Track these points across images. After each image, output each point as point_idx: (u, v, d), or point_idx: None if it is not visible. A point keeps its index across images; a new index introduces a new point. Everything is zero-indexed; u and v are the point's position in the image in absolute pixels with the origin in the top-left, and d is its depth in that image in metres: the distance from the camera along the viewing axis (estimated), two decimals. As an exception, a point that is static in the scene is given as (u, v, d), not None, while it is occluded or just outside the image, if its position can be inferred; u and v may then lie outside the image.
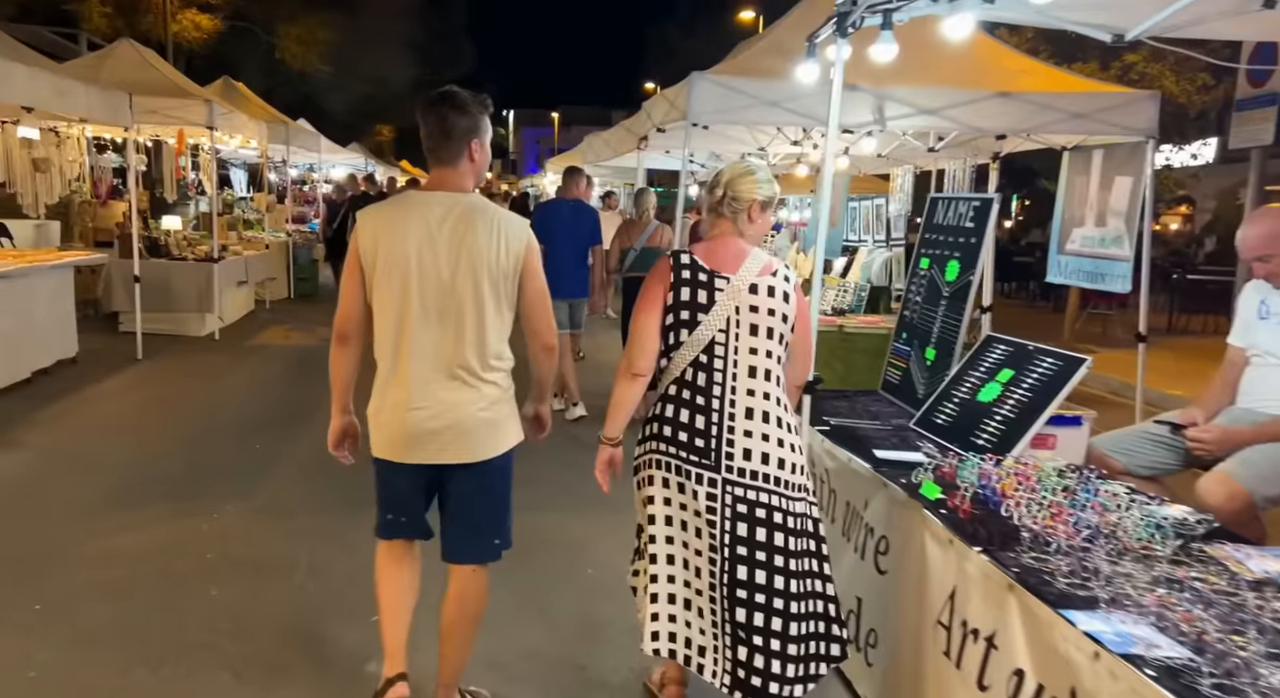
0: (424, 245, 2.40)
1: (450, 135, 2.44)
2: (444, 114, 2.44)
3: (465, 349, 2.44)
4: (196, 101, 9.17)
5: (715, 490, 2.38)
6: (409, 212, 2.45)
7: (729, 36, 35.81)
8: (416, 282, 2.41)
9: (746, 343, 2.43)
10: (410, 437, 2.47)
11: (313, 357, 8.83)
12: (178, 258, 9.75)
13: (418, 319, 2.42)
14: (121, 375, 7.54)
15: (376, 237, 2.44)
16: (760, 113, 5.48)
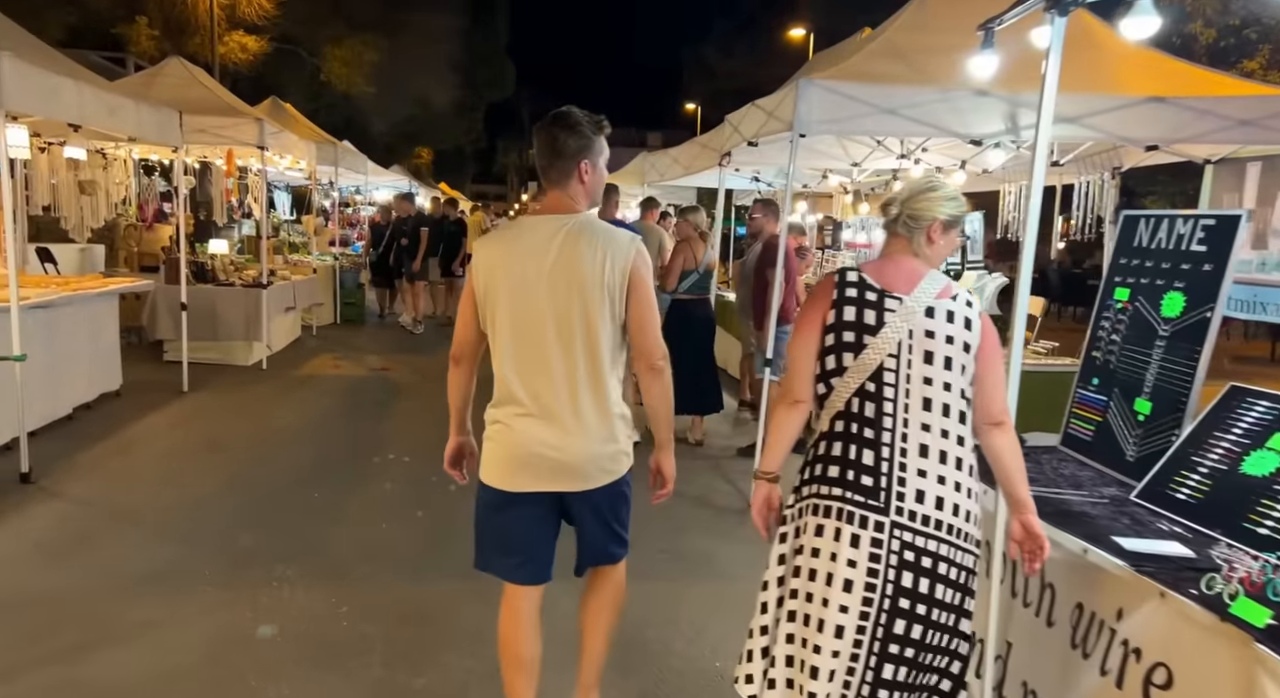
0: (531, 270, 2.37)
1: (561, 155, 2.40)
2: (555, 133, 2.41)
3: (579, 373, 2.38)
4: (247, 120, 8.78)
5: (881, 536, 2.15)
6: (519, 237, 2.42)
7: (770, 57, 35.49)
8: (525, 306, 2.37)
9: (920, 371, 2.21)
10: (526, 463, 2.41)
11: (365, 389, 8.33)
12: (224, 284, 9.33)
13: (529, 344, 2.39)
14: (167, 411, 7.08)
15: (489, 262, 2.43)
16: (876, 122, 4.88)
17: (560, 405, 2.38)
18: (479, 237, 3.03)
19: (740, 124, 6.05)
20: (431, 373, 9.41)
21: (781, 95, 5.13)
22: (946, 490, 2.17)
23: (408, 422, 7.12)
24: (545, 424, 2.39)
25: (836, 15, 26.81)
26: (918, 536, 2.15)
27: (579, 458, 2.40)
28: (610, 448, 2.44)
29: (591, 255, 2.35)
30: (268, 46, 17.71)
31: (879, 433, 2.19)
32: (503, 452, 2.45)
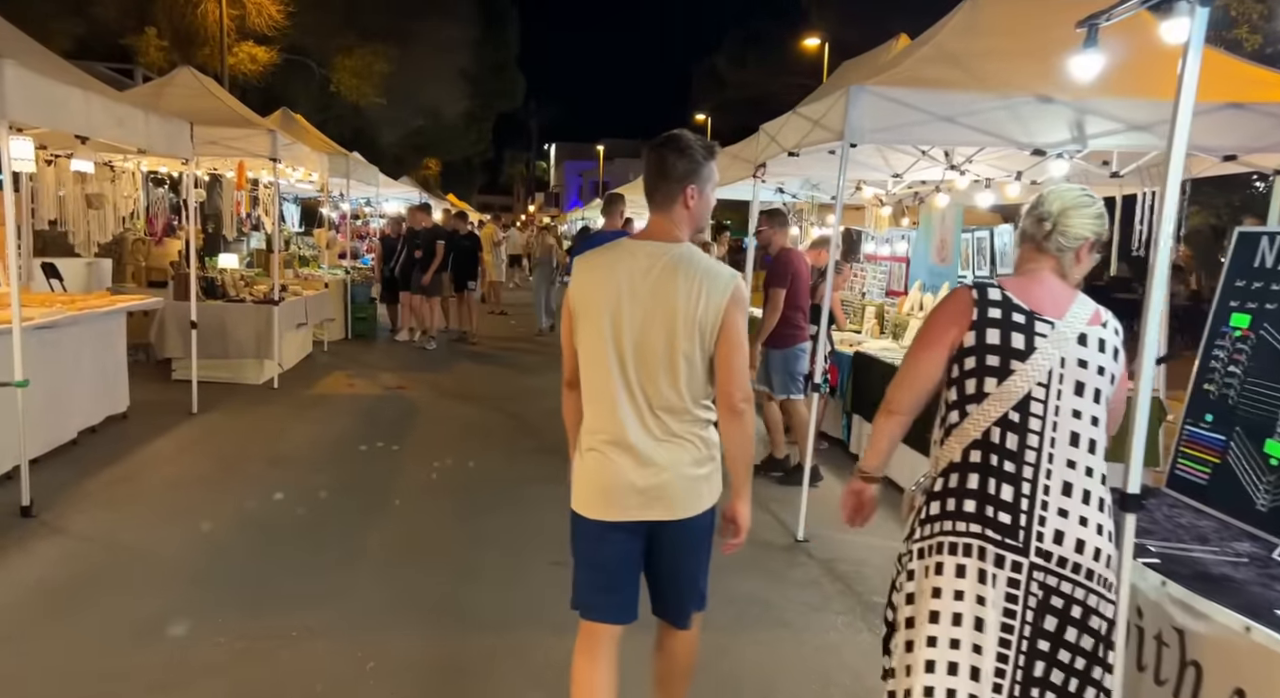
0: (625, 296, 2.32)
1: (667, 178, 2.33)
2: (664, 155, 2.34)
3: (665, 404, 2.32)
4: (259, 131, 8.51)
5: (1019, 576, 2.04)
6: (617, 261, 2.37)
7: (783, 67, 35.28)
8: (612, 333, 2.33)
9: (1070, 403, 2.08)
10: (612, 492, 2.36)
11: (381, 410, 8.02)
12: (234, 299, 9.05)
13: (617, 372, 2.34)
14: (176, 434, 6.78)
15: (583, 286, 2.40)
16: (933, 130, 4.58)
17: (645, 434, 2.33)
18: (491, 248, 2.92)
19: (779, 134, 5.75)
20: (450, 391, 9.10)
21: (829, 102, 4.83)
22: (1088, 533, 2.04)
23: (430, 447, 6.80)
24: (630, 452, 2.33)
25: (850, 26, 26.61)
26: (1058, 578, 2.03)
27: (665, 485, 2.34)
28: (697, 471, 2.37)
29: (687, 290, 2.29)
30: (277, 57, 17.50)
31: (1020, 467, 2.05)
32: (589, 479, 2.41)
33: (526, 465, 6.36)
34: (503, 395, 9.01)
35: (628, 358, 2.32)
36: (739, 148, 7.05)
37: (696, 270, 2.30)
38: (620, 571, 2.44)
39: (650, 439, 2.33)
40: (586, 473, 2.41)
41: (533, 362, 11.41)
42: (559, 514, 5.23)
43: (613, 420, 2.34)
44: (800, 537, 4.81)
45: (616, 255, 2.37)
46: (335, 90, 20.37)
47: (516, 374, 10.38)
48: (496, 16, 29.05)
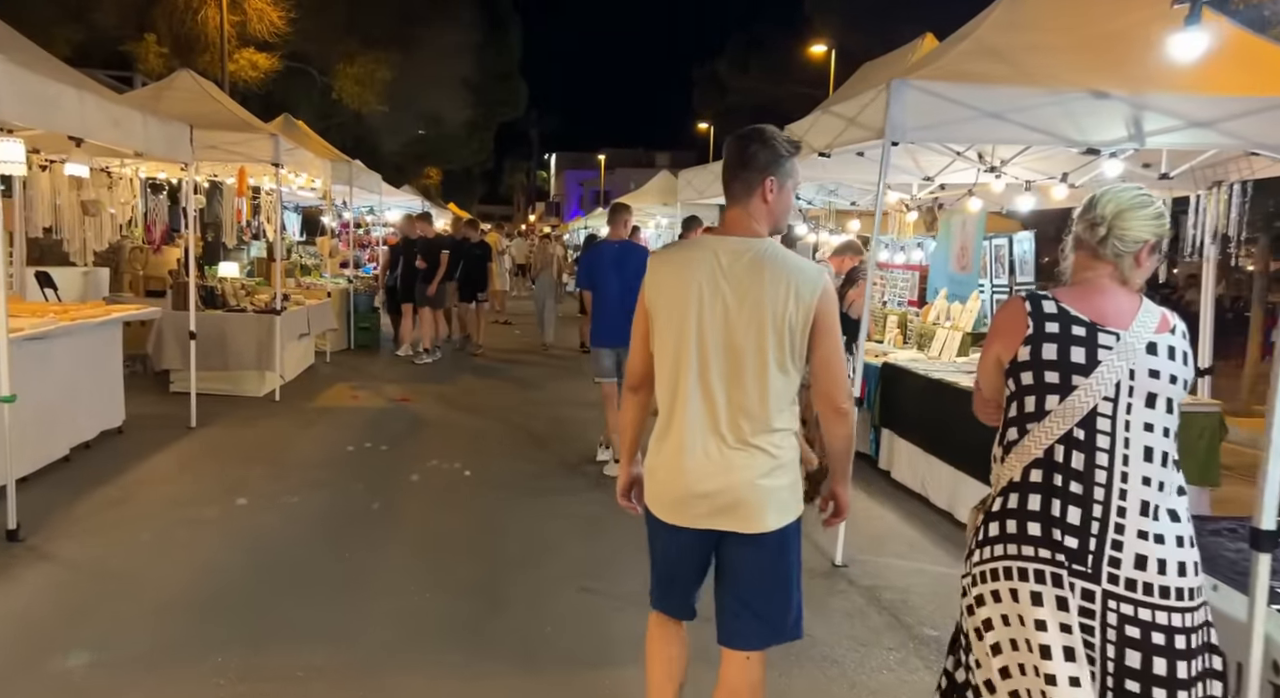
0: (707, 295, 2.25)
1: (747, 166, 2.26)
2: (745, 144, 2.28)
3: (744, 409, 2.23)
4: (261, 136, 8.24)
5: (1093, 606, 1.90)
6: (696, 257, 2.29)
7: (787, 74, 35.09)
8: (695, 334, 2.26)
9: (1141, 417, 1.96)
10: (681, 497, 2.29)
11: (387, 423, 7.72)
12: (235, 309, 8.77)
13: (694, 374, 2.26)
14: (173, 450, 6.47)
15: (660, 283, 2.33)
16: (980, 127, 4.30)
17: (719, 440, 2.24)
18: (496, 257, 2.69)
19: (806, 135, 5.47)
20: (456, 403, 8.81)
21: (866, 99, 4.55)
22: (1168, 551, 1.90)
23: (439, 463, 6.50)
24: (701, 458, 2.24)
25: (854, 32, 26.46)
26: (1140, 607, 1.88)
27: (734, 495, 2.23)
28: (771, 482, 2.24)
29: (775, 287, 2.20)
30: (279, 64, 17.26)
31: (1090, 488, 1.92)
32: (660, 482, 2.33)
33: (540, 480, 6.06)
34: (510, 407, 8.71)
35: (710, 360, 2.24)
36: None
37: (784, 267, 2.21)
38: (683, 572, 2.40)
39: (723, 446, 2.24)
40: (658, 475, 2.34)
41: (538, 373, 11.12)
42: (581, 533, 4.98)
43: (686, 424, 2.26)
44: (838, 561, 4.51)
45: (696, 252, 2.28)
46: (337, 98, 20.13)
47: (522, 385, 10.09)
48: (499, 23, 28.88)
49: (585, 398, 9.10)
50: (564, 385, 10.13)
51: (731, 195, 2.30)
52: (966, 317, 6.84)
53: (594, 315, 6.25)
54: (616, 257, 6.16)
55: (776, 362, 2.20)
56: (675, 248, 2.38)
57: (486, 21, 26.10)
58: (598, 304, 6.17)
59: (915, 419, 5.85)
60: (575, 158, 71.17)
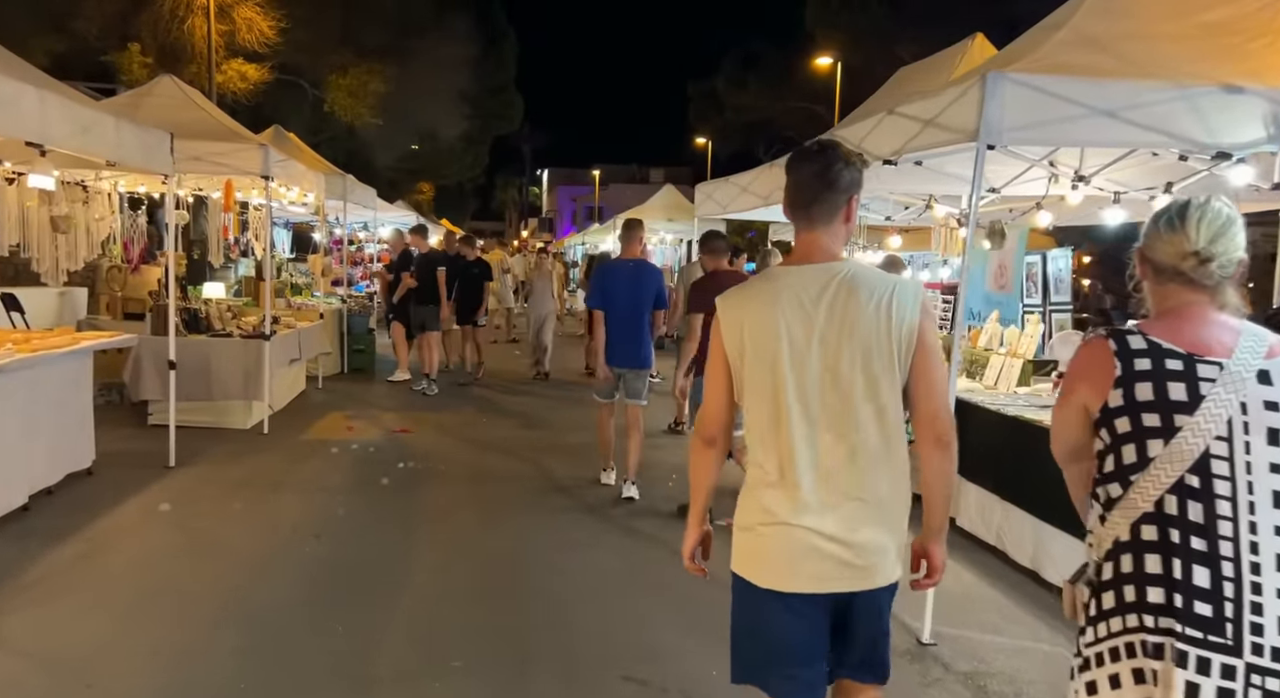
0: (799, 329, 2.06)
1: (833, 187, 2.08)
2: (828, 163, 2.09)
3: (863, 450, 2.03)
4: (249, 146, 7.60)
5: (1233, 685, 1.60)
6: (778, 290, 2.10)
7: (786, 90, 34.75)
8: (793, 373, 2.05)
9: (1264, 456, 1.69)
10: (800, 560, 2.04)
11: (385, 459, 7.04)
12: (220, 333, 8.09)
13: (799, 416, 2.04)
14: (147, 495, 5.77)
15: (742, 322, 2.12)
16: (1090, 127, 3.70)
17: (845, 488, 2.05)
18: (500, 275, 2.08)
19: (865, 140, 4.86)
20: (458, 433, 8.13)
21: (949, 97, 3.94)
22: None
23: (447, 508, 5.83)
24: (825, 511, 2.04)
25: (858, 48, 26.12)
26: None
27: (865, 547, 2.05)
28: (900, 539, 2.10)
29: (874, 309, 2.04)
30: (269, 75, 16.64)
31: (1214, 543, 1.69)
32: (766, 542, 2.09)
33: (562, 530, 5.39)
34: (517, 439, 8.04)
35: (817, 402, 2.05)
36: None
37: (878, 285, 2.06)
38: (803, 646, 2.10)
39: (845, 495, 2.05)
40: (766, 537, 2.08)
41: (545, 401, 10.44)
42: (619, 604, 4.31)
43: (799, 475, 2.05)
44: (926, 637, 3.85)
45: (775, 284, 2.11)
46: (329, 110, 19.49)
47: (529, 415, 9.42)
48: (496, 36, 28.40)
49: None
50: (573, 414, 9.47)
51: (810, 219, 2.12)
52: (1027, 343, 6.22)
53: (608, 335, 6.00)
54: (630, 275, 6.02)
55: (889, 391, 2.04)
56: (751, 284, 2.19)
57: (482, 34, 25.58)
58: (611, 324, 5.97)
59: (986, 460, 5.21)
60: (568, 173, 70.81)
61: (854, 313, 2.02)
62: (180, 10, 15.50)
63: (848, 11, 26.23)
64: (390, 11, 19.87)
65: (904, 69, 7.79)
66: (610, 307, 5.98)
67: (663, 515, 5.75)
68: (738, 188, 7.73)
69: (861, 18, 25.99)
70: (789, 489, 2.05)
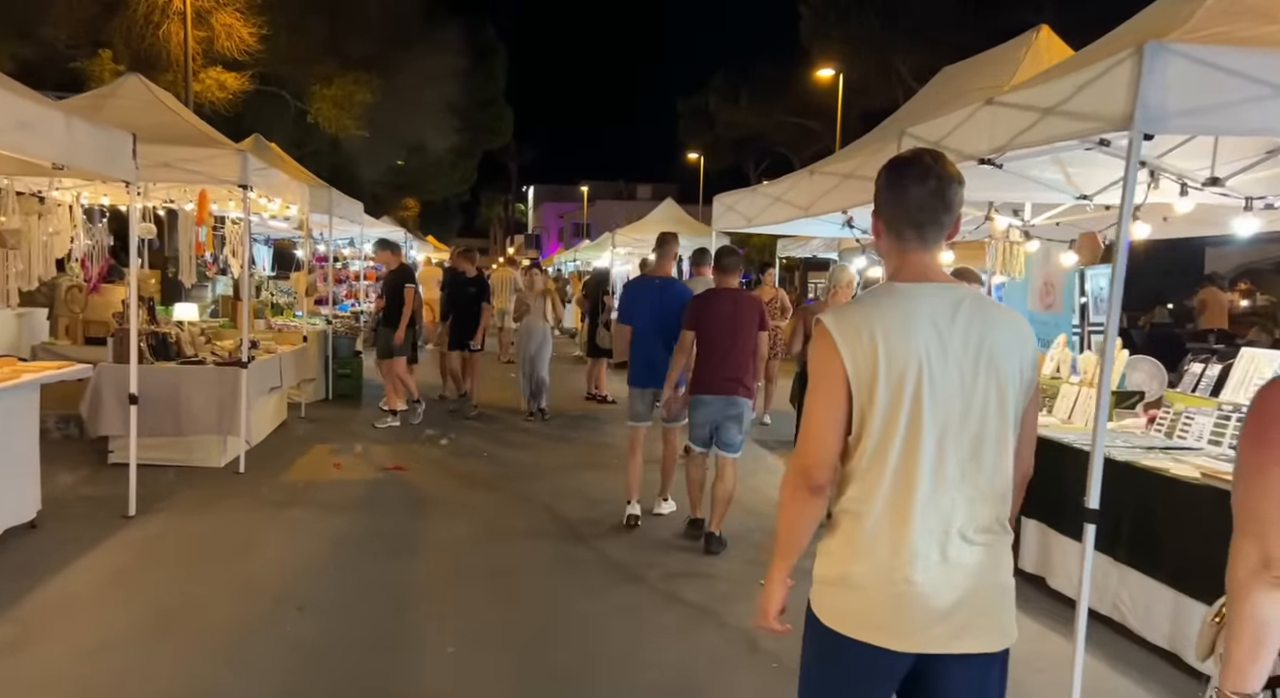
0: (935, 358, 1.82)
1: (950, 208, 1.90)
2: (947, 181, 1.89)
3: (986, 493, 1.85)
4: (225, 152, 6.79)
5: None
6: (911, 308, 1.85)
7: (780, 105, 34.31)
8: (930, 404, 1.81)
9: None
10: (907, 616, 1.82)
11: (380, 503, 6.21)
12: (192, 360, 7.25)
13: (928, 454, 1.82)
14: (101, 555, 4.92)
15: (875, 342, 1.82)
16: (1267, 111, 2.97)
17: (967, 537, 1.83)
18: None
19: (949, 137, 4.13)
20: (458, 471, 7.31)
21: (1086, 77, 3.22)
22: None
23: (452, 570, 5.02)
24: (949, 564, 1.81)
25: (853, 62, 25.64)
26: None
27: (985, 604, 1.84)
28: (1011, 580, 1.90)
29: (1010, 340, 1.86)
30: (249, 84, 15.84)
31: None
32: (876, 598, 1.83)
33: (596, 594, 4.59)
34: (526, 476, 7.22)
35: (948, 439, 1.82)
36: (855, 163, 5.43)
37: (1004, 315, 1.90)
38: None
39: (965, 544, 1.83)
40: (863, 588, 1.85)
41: (551, 430, 9.63)
42: (662, 682, 3.54)
43: (914, 521, 1.81)
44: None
45: (906, 302, 1.86)
46: (313, 121, 18.67)
47: (536, 446, 8.61)
48: (486, 48, 27.72)
49: (620, 464, 7.67)
50: (583, 450, 8.68)
51: (924, 240, 1.92)
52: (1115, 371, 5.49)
53: (631, 354, 5.97)
54: (657, 293, 5.93)
55: (1014, 429, 1.89)
56: (873, 301, 1.90)
57: (472, 46, 24.87)
58: (635, 342, 5.93)
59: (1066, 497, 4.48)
60: (554, 190, 70.27)
61: (992, 340, 1.85)
62: (155, 15, 14.71)
63: (844, 25, 25.79)
64: (376, 21, 19.13)
65: (948, 68, 7.12)
66: (637, 325, 5.92)
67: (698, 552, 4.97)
68: (769, 198, 7.00)
69: (858, 31, 25.55)
70: (902, 537, 1.83)
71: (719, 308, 5.39)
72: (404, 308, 8.92)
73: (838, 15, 26.07)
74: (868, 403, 1.84)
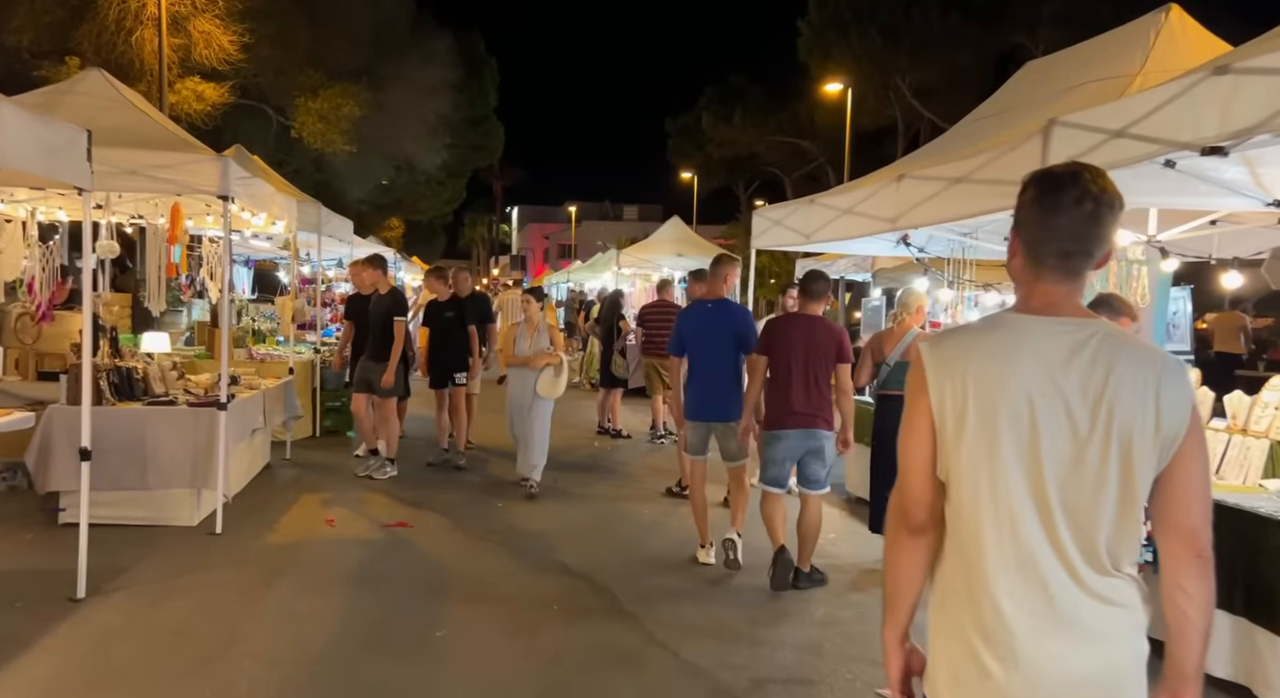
0: (1042, 399, 1.62)
1: (1105, 236, 1.67)
2: (1102, 204, 1.64)
3: (1104, 561, 1.62)
4: (203, 159, 5.81)
5: None
6: (1017, 343, 1.66)
7: (775, 124, 33.72)
8: (1029, 455, 1.62)
9: None
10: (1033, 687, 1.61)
11: (384, 572, 5.18)
12: (161, 400, 6.20)
13: (1028, 512, 1.62)
14: (32, 663, 3.84)
15: (966, 376, 1.66)
16: None
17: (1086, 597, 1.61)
18: None
19: (1151, 119, 3.21)
20: (474, 529, 6.27)
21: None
22: None
23: (486, 672, 4.00)
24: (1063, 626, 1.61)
25: (853, 78, 25.05)
26: None
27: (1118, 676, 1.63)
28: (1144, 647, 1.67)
29: (1140, 387, 1.61)
30: (229, 96, 14.83)
31: None
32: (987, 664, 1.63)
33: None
34: (546, 534, 6.20)
35: (1051, 491, 1.61)
36: (970, 163, 4.52)
37: (1145, 357, 1.63)
38: None
39: (1095, 604, 1.61)
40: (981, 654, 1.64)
41: (570, 481, 8.61)
42: None
43: (1017, 592, 1.62)
44: None
45: (1013, 335, 1.67)
46: (297, 135, 17.66)
47: (558, 501, 7.57)
48: (478, 62, 26.87)
49: (658, 512, 6.69)
50: (616, 493, 7.69)
51: (1067, 270, 1.68)
52: (1268, 415, 4.60)
53: (688, 385, 5.54)
54: (713, 318, 5.52)
55: (1142, 486, 1.62)
56: (974, 332, 1.72)
57: (464, 60, 23.98)
58: (692, 372, 5.51)
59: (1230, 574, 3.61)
60: (540, 211, 69.59)
61: (1115, 389, 1.60)
62: (127, 21, 13.71)
63: (845, 41, 25.21)
64: (364, 31, 18.21)
65: (1034, 63, 6.28)
66: (692, 353, 5.50)
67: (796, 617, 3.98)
68: (835, 210, 6.07)
69: (859, 47, 24.97)
70: (992, 612, 1.62)
71: (795, 334, 5.09)
72: (394, 344, 7.53)
73: (839, 32, 25.48)
74: (953, 449, 1.67)
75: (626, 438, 10.39)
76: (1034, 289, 1.71)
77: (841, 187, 6.28)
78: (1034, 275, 1.70)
